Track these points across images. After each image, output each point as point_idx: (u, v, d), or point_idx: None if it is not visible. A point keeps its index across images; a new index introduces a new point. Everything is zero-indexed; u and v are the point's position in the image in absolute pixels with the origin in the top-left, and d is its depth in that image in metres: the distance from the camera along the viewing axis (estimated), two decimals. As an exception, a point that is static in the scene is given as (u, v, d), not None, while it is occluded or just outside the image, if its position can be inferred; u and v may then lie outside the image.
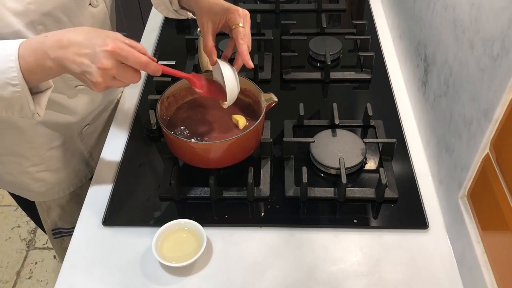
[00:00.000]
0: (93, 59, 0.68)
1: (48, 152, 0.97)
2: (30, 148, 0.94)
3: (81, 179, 1.08)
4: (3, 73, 0.69)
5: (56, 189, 1.03)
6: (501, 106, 0.66)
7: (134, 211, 0.90)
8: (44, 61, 0.69)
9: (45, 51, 0.69)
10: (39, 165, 0.97)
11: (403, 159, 0.97)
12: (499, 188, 0.68)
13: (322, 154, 0.94)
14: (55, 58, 0.69)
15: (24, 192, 1.03)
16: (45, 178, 1.00)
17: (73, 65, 0.69)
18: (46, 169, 0.98)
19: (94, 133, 1.07)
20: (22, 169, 0.97)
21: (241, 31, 0.82)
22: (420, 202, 0.89)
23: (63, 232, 1.12)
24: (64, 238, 1.14)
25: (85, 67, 0.69)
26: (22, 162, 0.96)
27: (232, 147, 0.88)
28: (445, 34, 0.89)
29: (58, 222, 1.09)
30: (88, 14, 0.89)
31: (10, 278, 1.80)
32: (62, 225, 1.10)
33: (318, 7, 1.40)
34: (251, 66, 0.83)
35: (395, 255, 0.82)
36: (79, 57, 0.69)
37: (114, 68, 0.69)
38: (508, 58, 0.64)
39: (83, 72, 0.69)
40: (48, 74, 0.72)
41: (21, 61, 0.69)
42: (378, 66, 1.19)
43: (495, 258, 0.70)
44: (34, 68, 0.70)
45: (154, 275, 0.81)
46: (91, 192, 0.94)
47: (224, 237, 0.85)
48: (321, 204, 0.89)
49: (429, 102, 0.98)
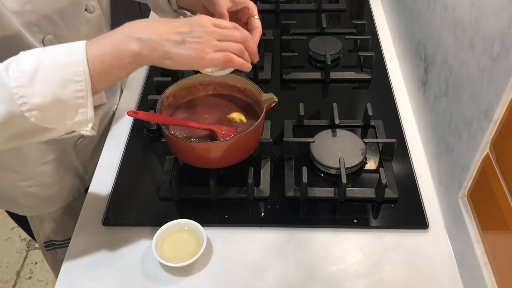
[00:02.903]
0: (191, 30, 0.66)
1: (40, 167, 0.93)
2: (22, 162, 0.91)
3: (73, 194, 1.04)
4: (66, 67, 0.61)
5: (47, 204, 1.00)
6: (501, 106, 0.66)
7: (134, 211, 0.90)
8: (126, 45, 0.63)
9: (126, 34, 0.63)
10: (29, 180, 0.94)
11: (403, 159, 0.97)
12: (499, 188, 0.68)
13: (322, 154, 0.94)
14: (142, 38, 0.63)
15: (14, 206, 1.01)
16: (36, 193, 0.96)
17: (171, 35, 0.64)
18: (37, 184, 0.95)
19: (89, 146, 1.03)
20: (12, 183, 0.94)
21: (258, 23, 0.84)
22: (420, 202, 0.89)
23: (55, 245, 1.09)
24: (57, 250, 1.11)
25: (186, 34, 0.65)
26: (13, 176, 0.93)
27: (232, 147, 0.88)
28: (445, 34, 0.89)
29: (51, 234, 1.07)
30: (84, 20, 0.87)
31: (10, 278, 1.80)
32: (54, 237, 1.07)
33: (318, 7, 1.40)
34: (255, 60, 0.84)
35: (395, 255, 0.82)
36: (175, 31, 0.65)
37: None
38: (508, 58, 0.64)
39: (184, 40, 0.65)
40: (124, 66, 0.64)
41: (89, 53, 0.62)
42: (378, 66, 1.19)
43: (495, 258, 0.70)
44: (108, 59, 0.62)
45: (154, 275, 0.81)
46: (91, 192, 0.94)
47: (224, 237, 0.85)
48: (321, 204, 0.89)
49: (429, 102, 0.98)
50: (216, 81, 0.99)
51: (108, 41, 0.63)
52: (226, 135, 0.90)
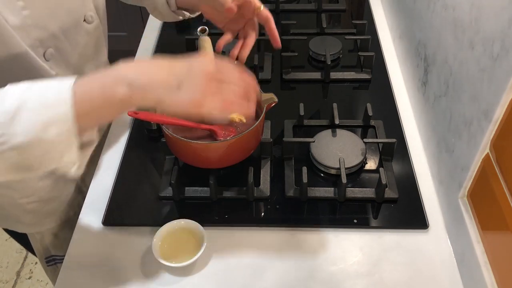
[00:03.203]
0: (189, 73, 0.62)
1: (40, 183, 0.92)
2: (21, 180, 0.90)
3: (73, 208, 1.03)
4: (51, 108, 0.57)
5: (47, 219, 0.99)
6: (501, 106, 0.66)
7: (134, 211, 0.90)
8: (115, 89, 0.59)
9: (117, 77, 0.60)
10: (30, 196, 0.93)
11: (403, 159, 0.97)
12: (499, 188, 0.68)
13: (322, 154, 0.94)
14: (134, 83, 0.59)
15: (15, 224, 1.00)
16: (36, 209, 0.95)
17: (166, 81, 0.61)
18: (37, 200, 0.94)
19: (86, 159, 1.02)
20: (13, 201, 0.93)
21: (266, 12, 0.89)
22: (420, 202, 0.89)
23: (57, 259, 1.08)
24: (58, 265, 1.09)
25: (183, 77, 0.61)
26: (13, 194, 0.92)
27: (232, 147, 0.88)
28: (445, 34, 0.89)
29: (52, 249, 1.06)
30: (84, 31, 0.87)
31: (10, 278, 1.80)
32: (55, 252, 1.06)
33: (318, 7, 1.40)
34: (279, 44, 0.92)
35: (395, 255, 0.82)
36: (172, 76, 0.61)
37: None
38: (508, 58, 0.64)
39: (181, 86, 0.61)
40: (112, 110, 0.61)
41: (77, 93, 0.58)
42: (378, 66, 1.19)
43: (495, 258, 0.70)
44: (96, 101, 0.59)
45: (154, 275, 0.81)
46: (91, 192, 0.94)
47: (224, 237, 0.85)
48: (321, 204, 0.89)
49: (429, 102, 0.98)
50: None
51: (98, 83, 0.60)
52: (227, 135, 0.90)
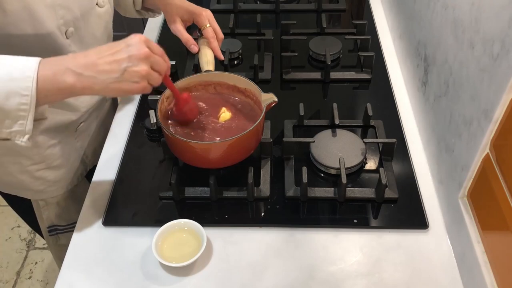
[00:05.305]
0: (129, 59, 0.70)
1: (48, 150, 0.96)
2: (31, 146, 0.93)
3: (77, 177, 1.07)
4: (17, 81, 0.67)
5: (55, 187, 1.03)
6: (501, 106, 0.66)
7: (134, 211, 0.90)
8: (63, 77, 0.69)
9: (68, 67, 0.69)
10: (39, 163, 0.97)
11: (403, 159, 0.97)
12: (499, 188, 0.68)
13: (322, 154, 0.94)
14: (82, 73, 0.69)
15: (22, 191, 1.03)
16: (45, 176, 0.99)
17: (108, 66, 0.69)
18: (46, 167, 0.98)
19: (87, 131, 1.06)
20: (22, 168, 0.96)
21: (210, 31, 1.02)
22: (420, 202, 0.89)
23: (58, 230, 1.12)
24: (59, 235, 1.13)
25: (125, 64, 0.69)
26: (23, 161, 0.95)
27: (232, 147, 0.88)
28: (445, 34, 0.89)
29: (54, 219, 1.09)
30: (96, 14, 0.92)
31: (10, 278, 1.80)
32: (57, 222, 1.10)
33: (318, 7, 1.40)
34: (222, 58, 1.05)
35: (395, 255, 0.82)
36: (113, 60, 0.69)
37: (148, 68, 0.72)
38: (508, 58, 0.64)
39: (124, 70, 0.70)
40: (60, 93, 0.71)
41: (41, 73, 0.68)
42: (378, 66, 1.19)
43: (495, 258, 0.70)
44: (49, 84, 0.69)
45: (154, 275, 0.81)
46: (91, 192, 0.94)
47: (224, 237, 0.85)
48: (321, 204, 0.89)
49: (429, 102, 0.98)
50: (216, 81, 0.99)
51: (52, 70, 0.69)
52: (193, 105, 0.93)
